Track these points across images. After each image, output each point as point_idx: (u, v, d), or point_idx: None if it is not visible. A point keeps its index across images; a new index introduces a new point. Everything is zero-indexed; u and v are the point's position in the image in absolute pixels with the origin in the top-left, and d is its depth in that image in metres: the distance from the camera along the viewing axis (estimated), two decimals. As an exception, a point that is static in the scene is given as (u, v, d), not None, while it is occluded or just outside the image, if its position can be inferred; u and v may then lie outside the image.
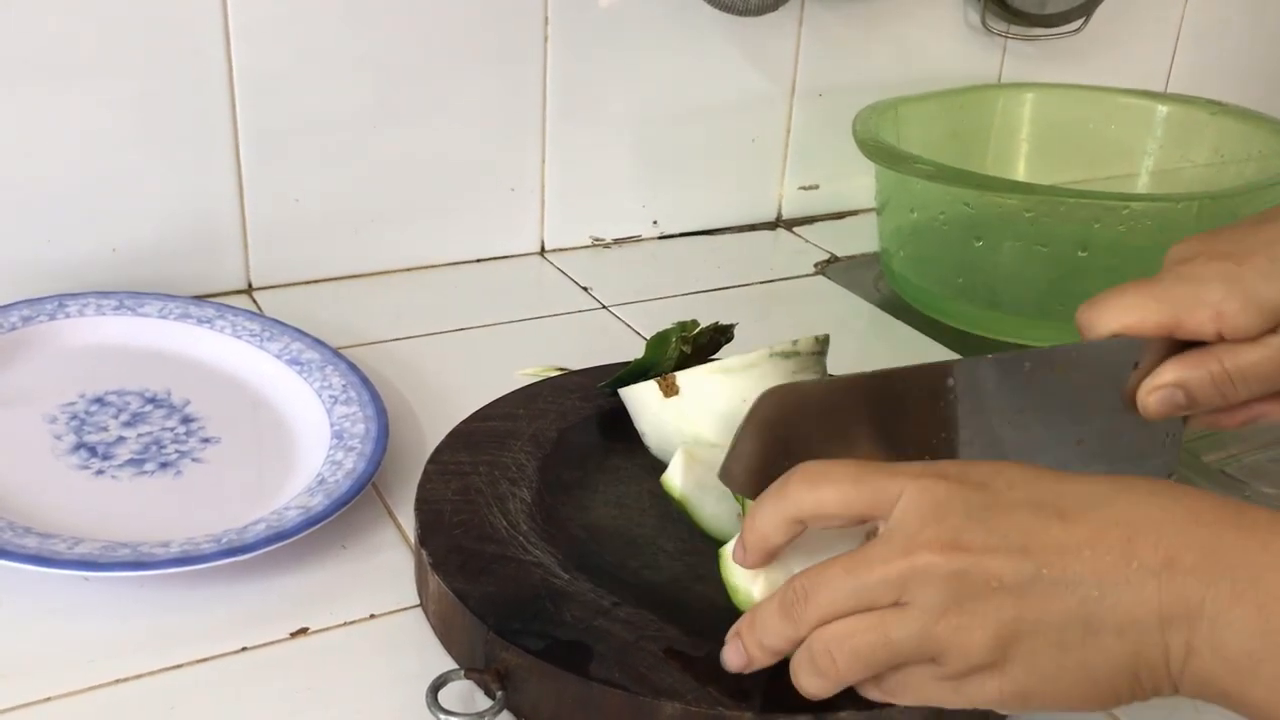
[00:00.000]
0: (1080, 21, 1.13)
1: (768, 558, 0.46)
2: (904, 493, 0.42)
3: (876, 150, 0.86)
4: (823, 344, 0.64)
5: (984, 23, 1.09)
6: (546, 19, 0.92)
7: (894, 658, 0.42)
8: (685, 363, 0.67)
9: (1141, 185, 1.06)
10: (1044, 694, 0.40)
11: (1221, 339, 0.49)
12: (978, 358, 0.50)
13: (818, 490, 0.44)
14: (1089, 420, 0.51)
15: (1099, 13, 1.13)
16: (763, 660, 0.45)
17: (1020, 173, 1.08)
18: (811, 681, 0.43)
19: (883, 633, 0.41)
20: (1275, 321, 0.49)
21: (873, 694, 0.44)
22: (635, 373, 0.68)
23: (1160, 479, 0.42)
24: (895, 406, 0.49)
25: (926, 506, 0.41)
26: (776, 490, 0.45)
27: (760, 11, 0.91)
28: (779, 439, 0.47)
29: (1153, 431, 0.52)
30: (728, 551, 0.49)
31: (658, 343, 0.67)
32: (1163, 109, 1.05)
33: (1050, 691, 0.40)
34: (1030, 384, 0.50)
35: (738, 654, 0.46)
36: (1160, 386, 0.50)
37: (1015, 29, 1.11)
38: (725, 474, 0.48)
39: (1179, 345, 0.50)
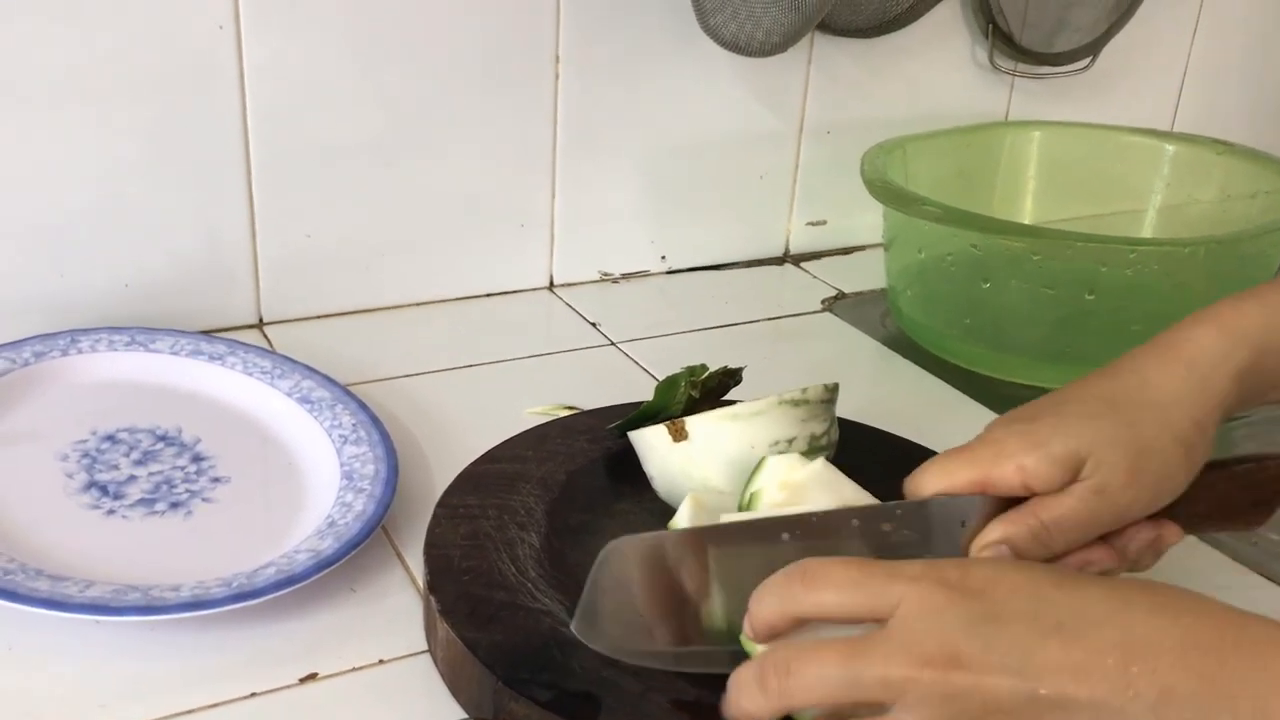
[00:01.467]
0: (1087, 60, 1.14)
1: (773, 639, 0.47)
2: (904, 599, 0.43)
3: (884, 191, 0.86)
4: (831, 392, 0.64)
5: (992, 61, 1.10)
6: (557, 56, 0.92)
7: None
8: (694, 407, 0.68)
9: (1148, 222, 1.07)
10: None
11: (1030, 491, 0.52)
12: (808, 514, 0.52)
13: (817, 593, 0.45)
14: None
15: (1106, 52, 1.14)
16: None
17: (1028, 210, 1.09)
18: None
19: None
20: (1073, 472, 0.52)
21: None
22: (644, 416, 0.68)
23: (1161, 586, 0.43)
24: (726, 562, 0.50)
25: (927, 615, 0.42)
26: (780, 585, 0.46)
27: (770, 52, 0.91)
28: (628, 592, 0.50)
29: None
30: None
31: (666, 387, 0.67)
32: (1170, 148, 1.05)
33: None
34: (865, 539, 0.52)
35: (727, 708, 0.47)
36: (989, 544, 0.52)
37: (1023, 67, 1.12)
38: (581, 630, 0.50)
39: (1003, 506, 0.53)
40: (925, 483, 0.54)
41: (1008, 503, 0.53)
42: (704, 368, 0.68)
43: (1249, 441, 0.85)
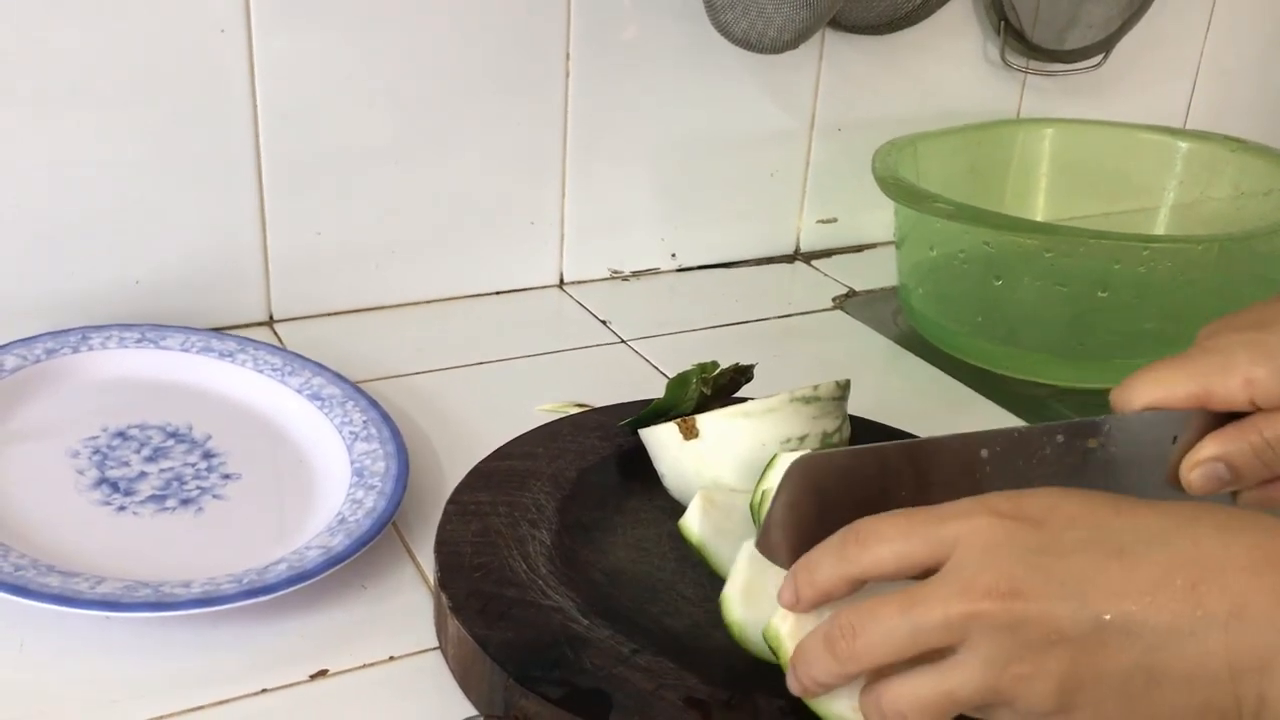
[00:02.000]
0: (1100, 57, 1.13)
1: (821, 605, 0.46)
2: (959, 539, 0.42)
3: (896, 188, 0.86)
4: (844, 389, 0.64)
5: (1003, 58, 1.10)
6: (568, 54, 0.92)
7: (960, 708, 0.42)
8: (705, 404, 0.67)
9: (1161, 220, 1.06)
10: None
11: (1255, 407, 0.49)
12: (1010, 429, 0.50)
13: (872, 550, 0.44)
14: (1129, 495, 0.51)
15: (1118, 49, 1.14)
16: (815, 691, 0.46)
17: (1040, 208, 1.08)
18: None
19: (947, 688, 0.41)
20: None
21: None
22: (655, 413, 0.68)
23: (1225, 507, 0.42)
24: (925, 477, 0.49)
25: (983, 548, 0.41)
26: (835, 549, 0.45)
27: (781, 49, 0.91)
28: (811, 509, 0.48)
29: None
30: (732, 595, 0.51)
31: (678, 384, 0.67)
32: (1183, 145, 1.05)
33: None
34: (1065, 457, 0.50)
35: (794, 682, 0.47)
36: (1201, 461, 0.49)
37: (1034, 64, 1.11)
38: (763, 547, 0.49)
39: (1218, 421, 0.50)
40: (1136, 394, 0.50)
41: (1222, 418, 0.49)
42: (715, 365, 0.67)
43: None
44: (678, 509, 0.61)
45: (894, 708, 0.42)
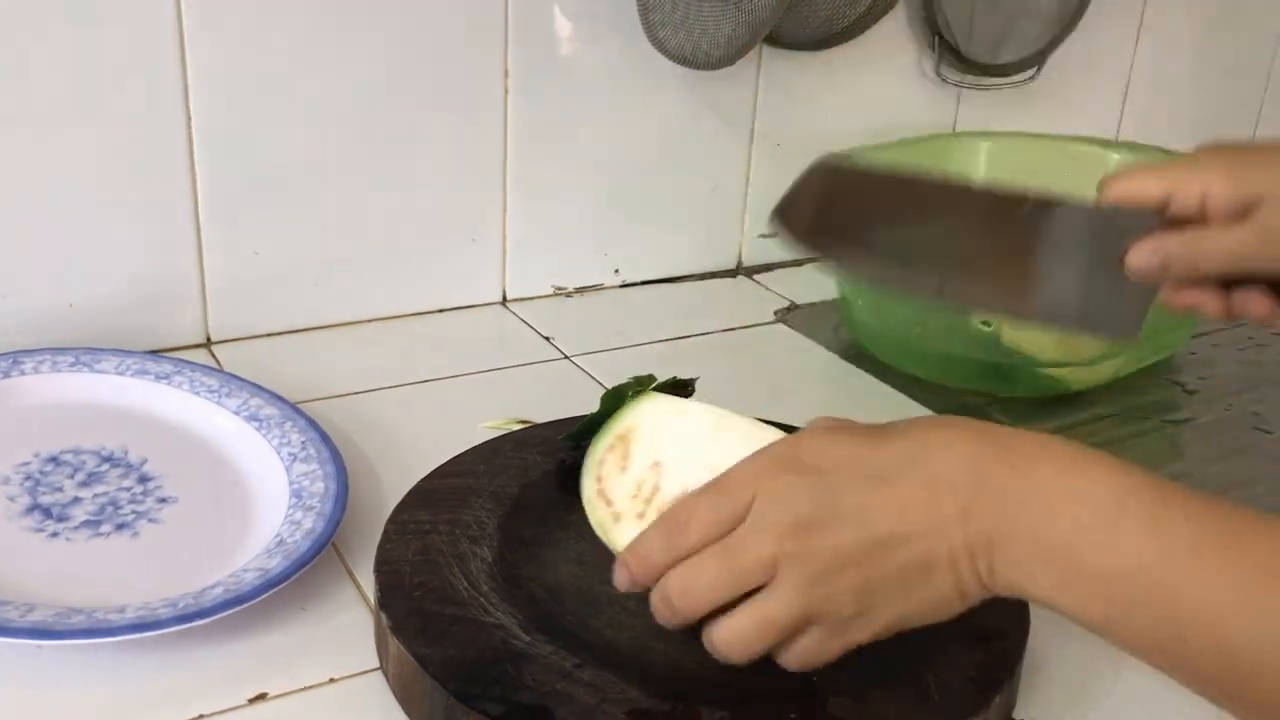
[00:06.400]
0: (1033, 71, 1.15)
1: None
2: (756, 493, 0.50)
3: (834, 201, 0.87)
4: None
5: (938, 73, 1.11)
6: (506, 70, 0.92)
7: (783, 633, 0.50)
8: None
9: (1095, 230, 1.08)
10: (904, 620, 0.50)
11: (1204, 215, 0.57)
12: (1034, 202, 0.61)
13: (691, 531, 0.51)
14: (1087, 269, 0.61)
15: (1051, 62, 1.16)
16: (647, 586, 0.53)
17: (976, 219, 1.09)
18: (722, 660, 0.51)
19: (765, 615, 0.49)
20: (1251, 204, 0.57)
21: (786, 664, 0.51)
22: (590, 426, 0.67)
23: (953, 422, 0.51)
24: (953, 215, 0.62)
25: (776, 498, 0.50)
26: (659, 537, 0.52)
27: (718, 65, 0.91)
28: (832, 203, 0.60)
29: (1124, 295, 0.60)
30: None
31: (612, 397, 0.67)
32: (1115, 156, 1.06)
33: (908, 618, 0.50)
34: (1042, 218, 0.60)
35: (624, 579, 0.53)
36: (1145, 248, 0.58)
37: (969, 79, 1.13)
38: (780, 216, 0.62)
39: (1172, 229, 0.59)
40: (1117, 183, 0.60)
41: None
42: (651, 378, 0.67)
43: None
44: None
45: (724, 643, 0.50)
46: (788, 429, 0.66)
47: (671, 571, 0.51)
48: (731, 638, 0.50)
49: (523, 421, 0.76)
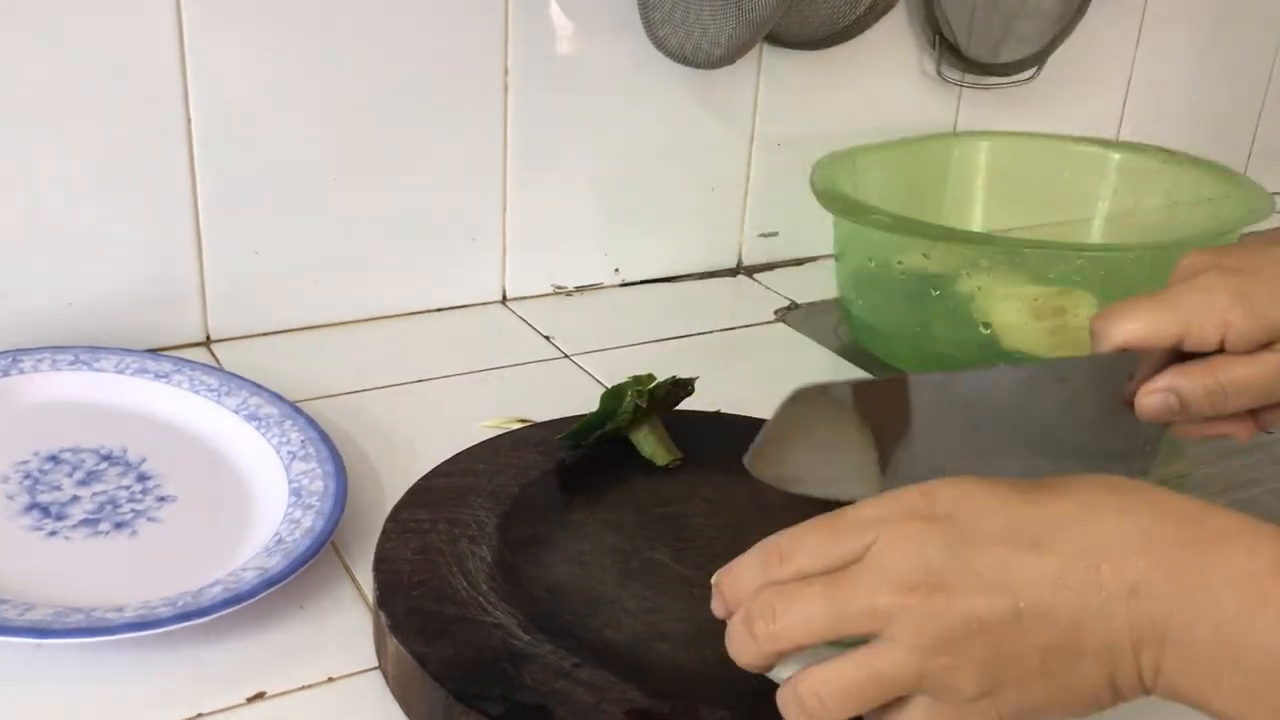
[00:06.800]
0: (1033, 70, 1.15)
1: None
2: (878, 537, 0.43)
3: (834, 201, 0.87)
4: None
5: (939, 72, 1.11)
6: (506, 69, 0.92)
7: (885, 694, 0.43)
8: (641, 416, 0.67)
9: (1096, 229, 1.08)
10: (1035, 712, 0.43)
11: (1224, 349, 0.52)
12: (991, 369, 0.54)
13: (795, 564, 0.44)
14: (1078, 423, 0.55)
15: (1051, 62, 1.15)
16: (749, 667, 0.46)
17: (977, 219, 1.09)
18: None
19: (872, 672, 0.42)
20: (1274, 337, 0.51)
21: None
22: (590, 426, 0.68)
23: (1124, 485, 0.44)
24: (907, 412, 0.52)
25: (902, 544, 0.43)
26: (756, 566, 0.46)
27: (719, 64, 0.91)
28: (811, 437, 0.51)
29: (1133, 436, 0.55)
30: None
31: (612, 396, 0.67)
32: (1115, 156, 1.07)
33: (1042, 709, 0.42)
34: (1034, 391, 0.53)
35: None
36: (1157, 390, 0.52)
37: (970, 78, 1.13)
38: (753, 460, 0.51)
39: (1177, 358, 0.53)
40: (1117, 325, 0.53)
41: (1178, 355, 0.52)
42: (651, 377, 0.68)
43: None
44: (620, 523, 0.61)
45: (813, 693, 0.43)
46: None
47: (762, 589, 0.44)
48: (828, 687, 0.43)
49: (522, 420, 0.77)
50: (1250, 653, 0.38)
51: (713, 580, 0.48)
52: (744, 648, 0.45)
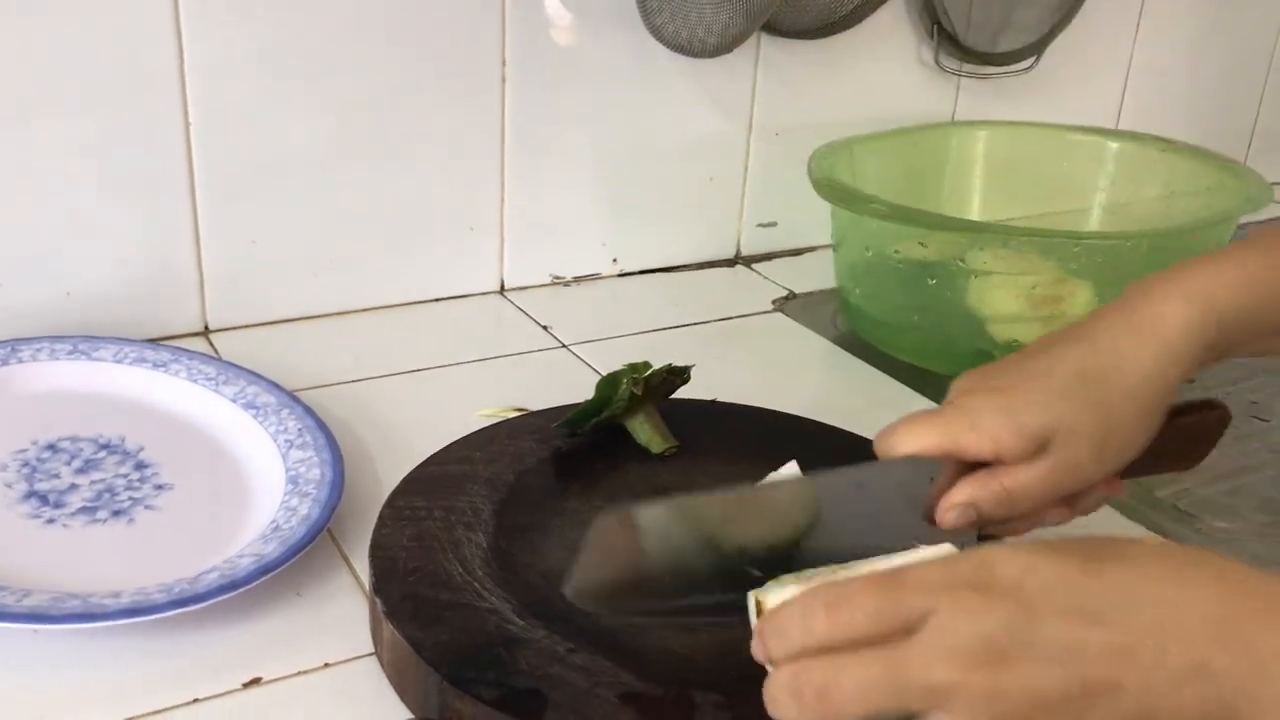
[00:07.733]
0: (1032, 60, 1.15)
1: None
2: (935, 609, 0.42)
3: (831, 190, 0.87)
4: None
5: (937, 61, 1.11)
6: (504, 60, 0.92)
7: None
8: (636, 403, 0.68)
9: (1094, 219, 1.08)
10: None
11: (1000, 460, 0.55)
12: (795, 479, 0.57)
13: (842, 621, 0.43)
14: (893, 528, 0.56)
15: (1050, 51, 1.15)
16: None
17: (975, 208, 1.09)
18: None
19: None
20: (1042, 446, 0.54)
21: None
22: (585, 414, 0.68)
23: (1183, 554, 0.45)
24: (727, 524, 0.53)
25: (963, 619, 0.42)
26: (800, 616, 0.44)
27: (716, 53, 0.91)
28: (621, 562, 0.51)
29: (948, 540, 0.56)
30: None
31: (607, 384, 0.67)
32: (1114, 145, 1.07)
33: None
34: (842, 498, 0.55)
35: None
36: (955, 505, 0.55)
37: (968, 67, 1.13)
38: (575, 595, 0.51)
39: (971, 465, 0.55)
40: (898, 444, 0.56)
41: (974, 464, 0.55)
42: (647, 365, 0.68)
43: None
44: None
45: None
46: (786, 418, 0.67)
47: (814, 661, 0.43)
48: None
49: (519, 410, 0.77)
50: None
51: (754, 623, 0.47)
52: (788, 713, 0.43)
